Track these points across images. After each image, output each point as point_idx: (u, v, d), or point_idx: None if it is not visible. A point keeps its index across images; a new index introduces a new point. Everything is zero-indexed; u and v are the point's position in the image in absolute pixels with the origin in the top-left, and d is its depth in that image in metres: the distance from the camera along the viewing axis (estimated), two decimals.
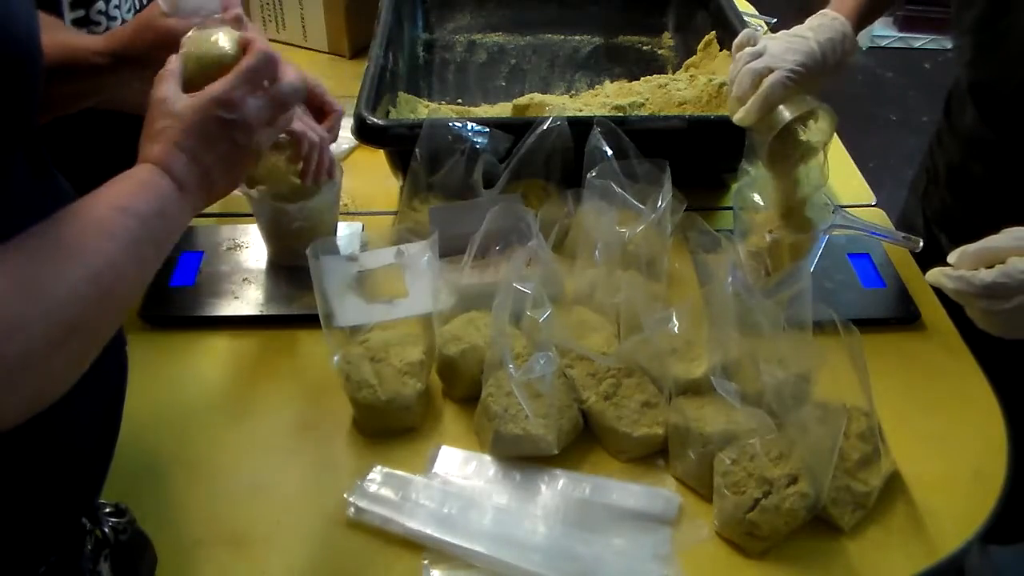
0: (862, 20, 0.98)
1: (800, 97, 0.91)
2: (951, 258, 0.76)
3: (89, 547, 0.64)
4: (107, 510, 0.67)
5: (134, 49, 0.75)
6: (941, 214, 1.17)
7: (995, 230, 0.76)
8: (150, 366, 0.92)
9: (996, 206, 1.07)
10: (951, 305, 1.03)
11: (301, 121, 0.89)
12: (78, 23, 1.02)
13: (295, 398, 0.90)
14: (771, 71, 0.90)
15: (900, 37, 3.45)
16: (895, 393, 0.91)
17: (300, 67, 0.70)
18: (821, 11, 0.98)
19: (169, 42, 0.70)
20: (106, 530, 0.65)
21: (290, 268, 1.02)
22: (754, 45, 0.94)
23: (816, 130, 0.95)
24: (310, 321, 0.90)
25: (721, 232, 0.99)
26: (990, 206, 1.08)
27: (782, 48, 0.92)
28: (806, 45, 0.92)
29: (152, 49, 0.73)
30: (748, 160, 1.02)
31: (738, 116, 0.92)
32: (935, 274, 0.76)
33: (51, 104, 0.68)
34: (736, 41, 0.96)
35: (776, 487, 0.75)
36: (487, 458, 0.84)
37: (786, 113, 0.90)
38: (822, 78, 0.94)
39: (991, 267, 0.73)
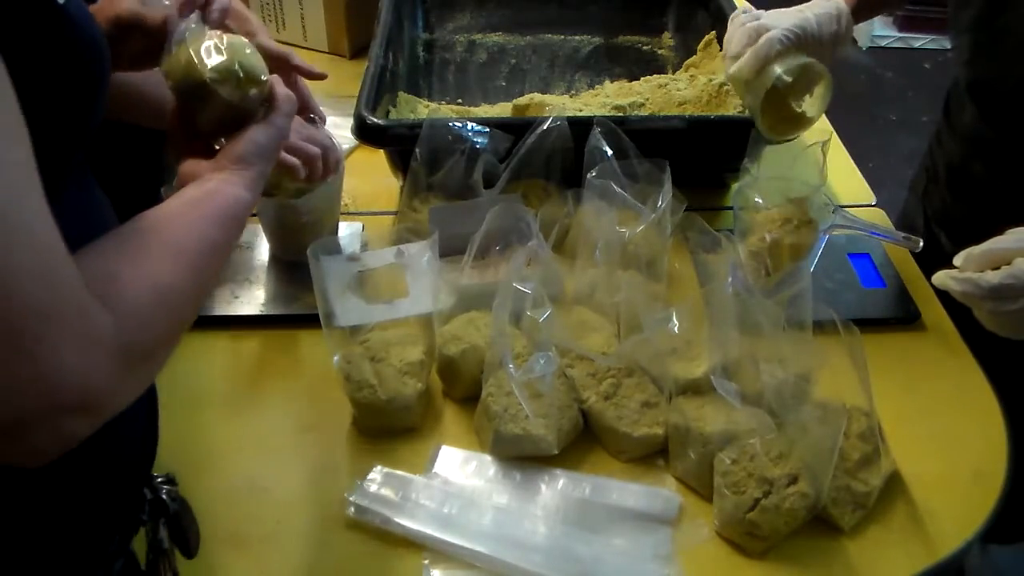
0: (860, 9, 1.00)
1: (793, 55, 0.93)
2: (957, 260, 0.76)
3: (146, 515, 0.68)
4: (159, 479, 0.70)
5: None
6: (941, 213, 1.17)
7: (996, 229, 0.76)
8: None
9: (996, 205, 1.06)
10: (951, 305, 1.03)
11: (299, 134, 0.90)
12: None
13: (295, 398, 0.90)
14: (767, 30, 0.93)
15: (900, 37, 3.45)
16: (895, 393, 0.91)
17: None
18: None
19: (133, 27, 0.70)
20: (163, 496, 0.69)
21: (290, 268, 1.02)
22: None
23: (811, 102, 0.97)
24: (310, 321, 0.90)
25: (721, 232, 0.99)
26: (990, 205, 1.08)
27: (778, 13, 0.96)
28: (801, 15, 0.96)
29: (114, 31, 0.71)
30: (749, 159, 1.03)
31: (732, 69, 0.94)
32: (941, 277, 0.76)
33: None
34: (733, 14, 0.98)
35: (776, 487, 0.75)
36: (487, 458, 0.84)
37: (777, 68, 0.92)
38: (818, 50, 0.95)
39: (997, 268, 0.73)
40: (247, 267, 1.03)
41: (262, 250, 1.06)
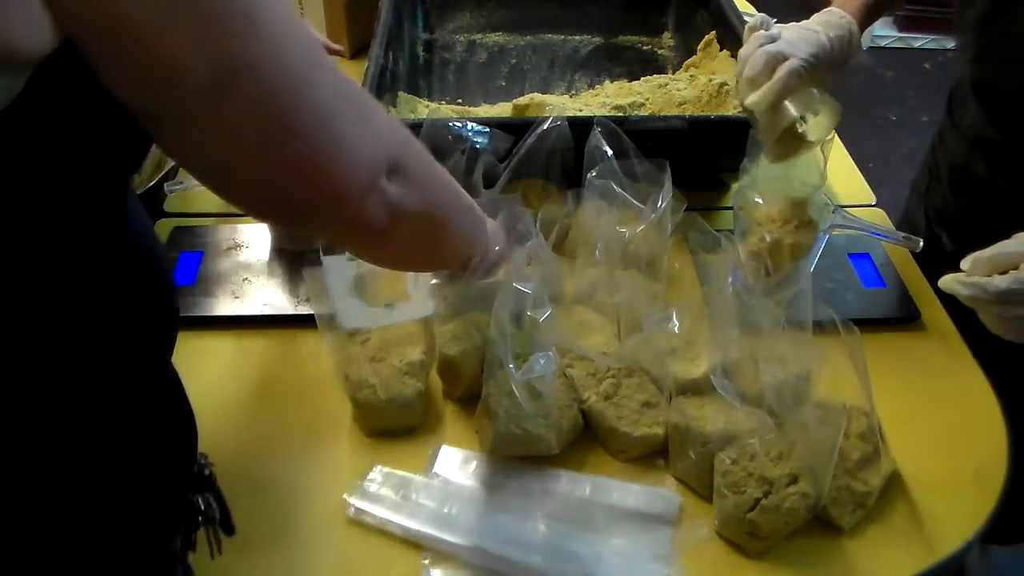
0: (865, 21, 0.99)
1: (807, 91, 0.92)
2: (964, 264, 0.76)
3: (192, 493, 0.68)
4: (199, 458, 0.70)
5: None
6: (943, 213, 1.17)
7: (997, 229, 0.76)
8: None
9: (998, 205, 1.06)
10: (951, 305, 1.03)
11: None
12: None
13: (295, 398, 0.90)
14: (786, 57, 0.89)
15: (900, 37, 3.44)
16: (895, 393, 0.91)
17: None
18: (827, 9, 0.98)
19: None
20: (208, 472, 0.69)
21: (291, 268, 1.02)
22: (767, 30, 0.94)
23: (815, 125, 0.95)
24: (311, 321, 0.90)
25: (721, 232, 0.99)
26: (992, 205, 1.08)
27: (796, 36, 0.92)
28: (817, 38, 0.93)
29: None
30: (749, 159, 1.03)
31: (751, 100, 0.91)
32: (949, 281, 0.76)
33: None
34: (750, 24, 0.95)
35: (776, 487, 0.75)
36: (487, 458, 0.84)
37: (792, 111, 0.91)
38: (829, 73, 0.94)
39: (1004, 273, 0.73)
40: (247, 267, 1.03)
41: (262, 249, 1.06)
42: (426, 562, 0.75)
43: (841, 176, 1.24)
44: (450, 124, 1.03)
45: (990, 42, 1.00)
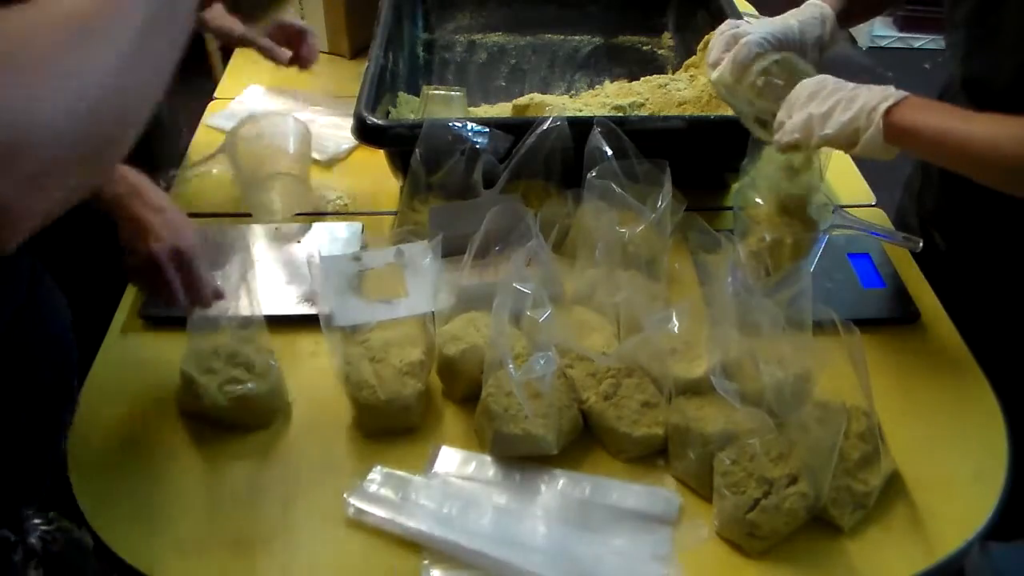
0: (847, 14, 1.01)
1: (790, 60, 0.95)
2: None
3: (17, 558, 0.63)
4: (35, 520, 0.66)
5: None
6: (935, 213, 1.17)
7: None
8: (150, 366, 0.91)
9: (989, 204, 1.06)
10: (951, 305, 1.03)
11: None
12: None
13: (295, 398, 0.90)
14: (745, 36, 0.95)
15: (900, 37, 3.45)
16: (895, 393, 0.91)
17: None
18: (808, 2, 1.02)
19: None
20: (33, 540, 0.64)
21: (290, 269, 1.02)
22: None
23: None
24: (310, 321, 0.90)
25: (721, 232, 0.99)
26: (984, 204, 1.07)
27: (760, 22, 0.98)
28: (783, 20, 0.98)
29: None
30: (749, 159, 1.03)
31: (713, 76, 0.96)
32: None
33: None
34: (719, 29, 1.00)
35: (776, 487, 0.75)
36: (487, 458, 0.84)
37: (755, 69, 0.94)
38: (801, 55, 0.97)
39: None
40: (247, 267, 1.03)
41: (261, 250, 1.06)
42: (426, 562, 0.75)
43: (841, 176, 1.24)
44: (450, 124, 1.03)
45: (981, 38, 1.00)
